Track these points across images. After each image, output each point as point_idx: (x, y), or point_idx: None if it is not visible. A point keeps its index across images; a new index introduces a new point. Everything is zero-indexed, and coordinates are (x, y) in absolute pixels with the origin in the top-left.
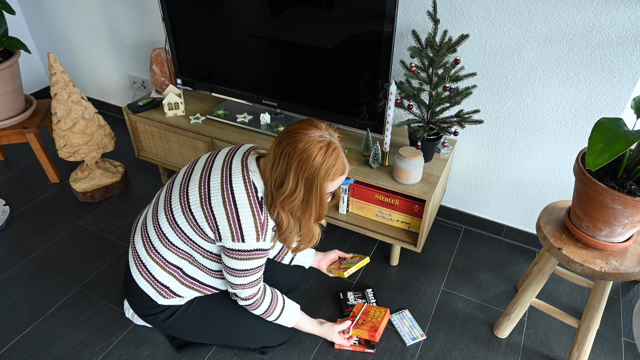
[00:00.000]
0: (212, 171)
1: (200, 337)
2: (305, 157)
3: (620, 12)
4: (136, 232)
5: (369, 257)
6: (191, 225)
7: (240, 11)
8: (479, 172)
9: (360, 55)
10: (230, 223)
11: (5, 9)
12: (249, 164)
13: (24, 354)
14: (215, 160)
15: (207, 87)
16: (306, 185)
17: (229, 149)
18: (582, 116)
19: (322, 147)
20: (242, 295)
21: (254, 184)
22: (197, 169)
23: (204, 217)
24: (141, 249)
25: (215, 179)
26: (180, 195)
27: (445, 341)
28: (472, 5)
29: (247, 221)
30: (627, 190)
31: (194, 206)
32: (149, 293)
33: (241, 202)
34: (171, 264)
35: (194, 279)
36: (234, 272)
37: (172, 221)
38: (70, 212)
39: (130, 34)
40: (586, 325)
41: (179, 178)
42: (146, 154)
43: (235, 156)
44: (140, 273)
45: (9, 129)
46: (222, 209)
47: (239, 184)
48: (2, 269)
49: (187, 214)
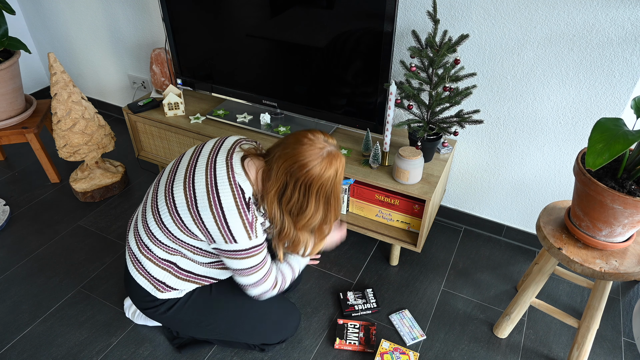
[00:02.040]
0: (196, 171)
1: (199, 330)
2: (325, 180)
3: (620, 12)
4: (130, 231)
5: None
6: (179, 227)
7: (240, 11)
8: (479, 172)
9: (360, 55)
10: (219, 226)
11: (5, 9)
12: (234, 165)
13: (24, 354)
14: (199, 158)
15: (207, 87)
16: (326, 201)
17: (213, 145)
18: (582, 116)
19: (332, 161)
20: (267, 287)
21: (240, 187)
22: (181, 167)
23: (192, 221)
24: (135, 247)
25: (200, 180)
26: (166, 196)
27: (445, 341)
28: (472, 5)
29: (236, 223)
30: (627, 190)
31: (181, 209)
32: (146, 288)
33: (228, 205)
34: (165, 260)
35: (189, 271)
36: (242, 272)
37: (160, 222)
38: (70, 212)
39: (130, 34)
40: (586, 325)
41: (164, 177)
42: (146, 154)
43: (220, 154)
44: (137, 270)
45: (9, 129)
46: (209, 213)
47: (225, 188)
48: (2, 269)
49: (175, 216)
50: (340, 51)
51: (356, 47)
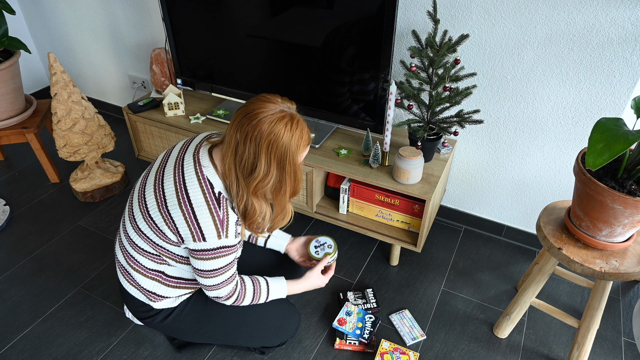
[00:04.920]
0: (165, 171)
1: (198, 337)
2: (274, 137)
3: (620, 12)
4: (116, 244)
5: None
6: (153, 231)
7: (240, 11)
8: (479, 172)
9: (360, 55)
10: (188, 223)
11: (5, 9)
12: (201, 159)
13: (24, 354)
14: (168, 159)
15: (207, 87)
16: (279, 164)
17: (183, 143)
18: (582, 116)
19: (287, 122)
20: (222, 295)
21: (208, 180)
22: (152, 171)
23: (163, 221)
24: (122, 259)
25: (169, 179)
26: (139, 200)
27: (445, 341)
28: (472, 5)
29: (205, 220)
30: (627, 190)
31: (152, 211)
32: (140, 298)
33: (197, 201)
34: (152, 270)
35: (179, 277)
36: (204, 273)
37: (137, 228)
38: (70, 212)
39: (130, 34)
40: (586, 325)
41: (139, 183)
42: (146, 154)
43: (187, 151)
44: (128, 281)
45: (9, 129)
46: (178, 211)
47: (193, 183)
48: (2, 269)
49: (148, 219)
50: (340, 51)
51: (356, 47)
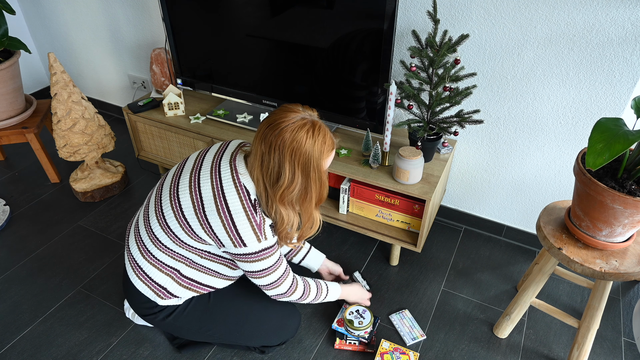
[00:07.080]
0: (201, 174)
1: (199, 335)
2: (297, 145)
3: (620, 12)
4: (130, 236)
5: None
6: (186, 232)
7: (240, 11)
8: (479, 172)
9: (360, 55)
10: (227, 231)
11: (5, 9)
12: (237, 166)
13: (24, 354)
14: (204, 161)
15: (207, 87)
16: (304, 171)
17: (218, 148)
18: (582, 116)
19: (309, 129)
20: (281, 292)
21: (245, 187)
22: (185, 171)
23: (200, 225)
24: (136, 253)
25: (206, 184)
26: (172, 199)
27: (445, 341)
28: (472, 5)
29: (244, 226)
30: (627, 190)
31: (188, 214)
32: (146, 294)
33: (235, 208)
34: (168, 266)
35: (192, 279)
36: (255, 274)
37: (165, 226)
38: (70, 212)
39: (130, 34)
40: (586, 325)
41: (167, 181)
42: (146, 154)
43: (224, 157)
44: (137, 275)
45: (9, 129)
46: (217, 217)
47: (231, 190)
48: (2, 269)
49: (181, 220)
50: (340, 51)
51: (356, 47)
